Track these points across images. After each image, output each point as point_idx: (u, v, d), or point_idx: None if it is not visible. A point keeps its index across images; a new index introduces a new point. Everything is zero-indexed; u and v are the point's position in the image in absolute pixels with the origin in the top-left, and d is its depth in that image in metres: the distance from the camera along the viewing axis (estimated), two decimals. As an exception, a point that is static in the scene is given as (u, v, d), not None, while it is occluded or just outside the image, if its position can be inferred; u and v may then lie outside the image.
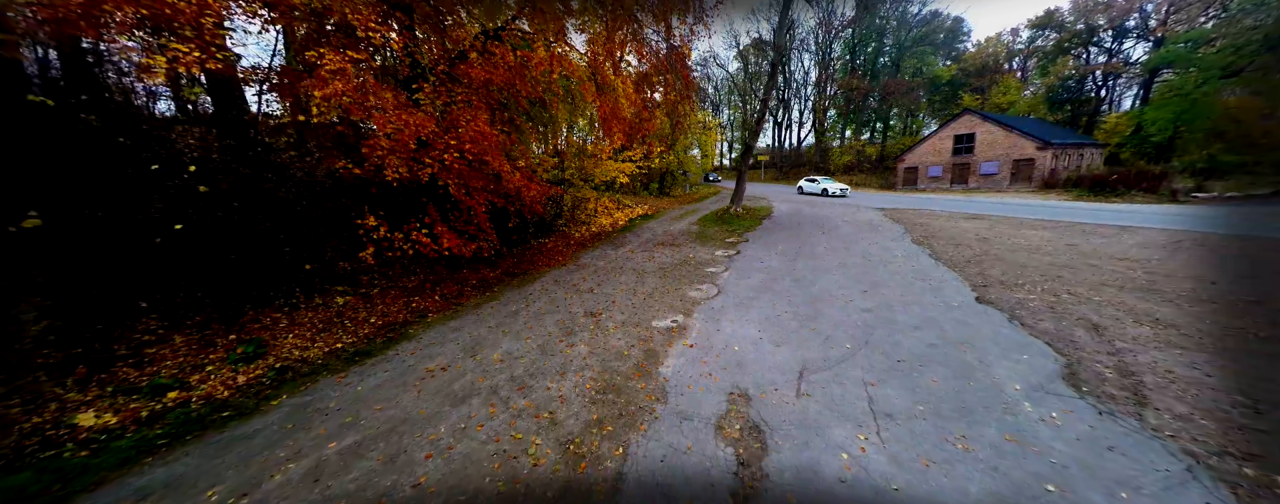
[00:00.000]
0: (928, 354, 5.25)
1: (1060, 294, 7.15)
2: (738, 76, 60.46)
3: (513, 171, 9.47)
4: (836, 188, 27.52)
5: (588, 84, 11.44)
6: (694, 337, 6.09)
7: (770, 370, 5.03)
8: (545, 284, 9.05)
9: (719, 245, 12.40)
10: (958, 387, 4.53)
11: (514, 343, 6.02)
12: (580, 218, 16.43)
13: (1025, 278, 8.04)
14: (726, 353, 5.52)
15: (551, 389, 4.77)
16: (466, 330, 6.53)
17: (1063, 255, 9.54)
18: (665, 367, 5.22)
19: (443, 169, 7.63)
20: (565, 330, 6.44)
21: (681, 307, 7.33)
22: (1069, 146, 28.53)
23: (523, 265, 10.58)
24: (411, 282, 8.34)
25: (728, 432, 3.93)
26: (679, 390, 4.66)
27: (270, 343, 5.62)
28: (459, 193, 8.36)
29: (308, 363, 5.28)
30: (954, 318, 6.35)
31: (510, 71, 8.57)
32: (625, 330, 6.38)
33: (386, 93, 6.45)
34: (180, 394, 4.42)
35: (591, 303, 7.68)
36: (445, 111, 7.69)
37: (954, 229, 13.38)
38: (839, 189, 27.39)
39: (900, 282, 8.15)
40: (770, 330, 6.18)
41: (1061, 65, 41.45)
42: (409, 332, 6.46)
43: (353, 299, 7.14)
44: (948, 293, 7.44)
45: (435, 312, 7.31)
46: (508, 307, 7.61)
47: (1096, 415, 3.99)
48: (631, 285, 8.70)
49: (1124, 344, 5.36)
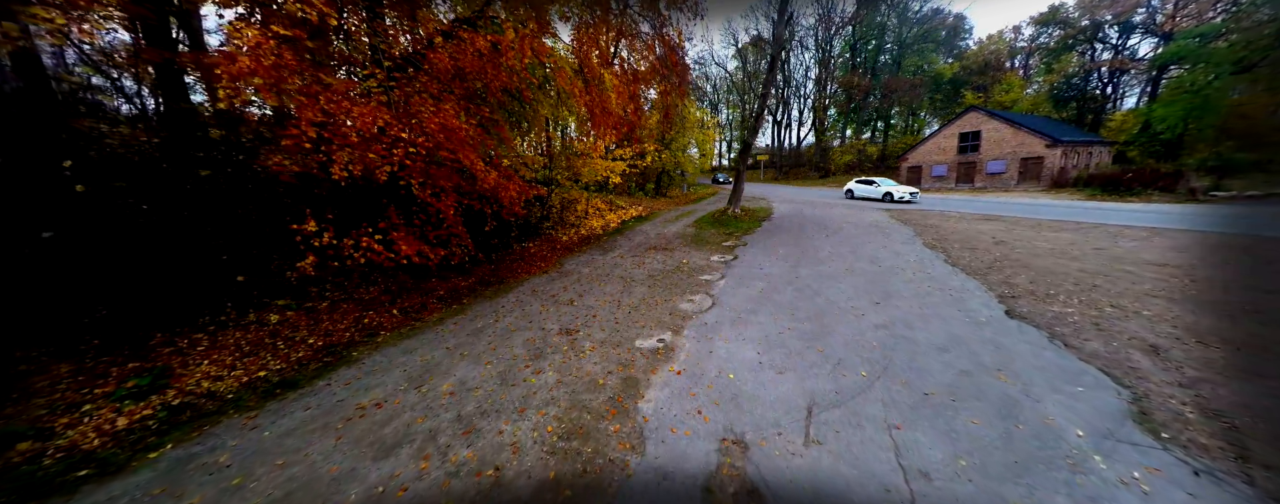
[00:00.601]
0: (960, 385, 4.37)
1: (1102, 307, 6.27)
2: (737, 75, 59.67)
3: (488, 169, 8.60)
4: (904, 192, 21.81)
5: (573, 78, 10.59)
6: (682, 360, 5.21)
7: (772, 406, 4.16)
8: (521, 295, 8.16)
9: (715, 249, 11.52)
10: (1004, 431, 3.65)
11: (471, 369, 5.13)
12: (569, 220, 15.55)
13: (1057, 287, 7.16)
14: (720, 382, 4.64)
15: (504, 433, 3.88)
16: (420, 353, 5.64)
17: (1093, 260, 8.66)
18: (646, 401, 4.34)
19: (403, 167, 6.78)
20: (534, 352, 5.56)
21: (670, 322, 6.45)
22: (1078, 144, 27.66)
23: (501, 272, 9.70)
24: (370, 293, 7.46)
25: (719, 498, 3.05)
26: (660, 435, 3.78)
27: (177, 371, 4.74)
28: (424, 193, 7.49)
29: (215, 398, 4.40)
30: (984, 337, 5.47)
31: (481, 59, 7.69)
32: (603, 352, 5.50)
33: (329, 78, 5.57)
34: (33, 446, 3.54)
35: (569, 317, 6.80)
36: (405, 102, 6.81)
37: (968, 231, 12.50)
38: (907, 193, 21.74)
39: (916, 292, 7.27)
40: (771, 352, 5.30)
41: (1066, 62, 40.65)
42: (352, 354, 5.57)
43: (295, 315, 6.26)
44: (972, 305, 6.56)
45: (390, 329, 6.42)
46: (474, 322, 6.72)
47: (1192, 476, 3.11)
48: (616, 296, 7.82)
49: (1195, 372, 4.48)
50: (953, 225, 13.70)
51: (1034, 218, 14.68)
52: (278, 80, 4.36)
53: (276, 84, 4.38)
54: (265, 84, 4.31)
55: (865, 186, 24.04)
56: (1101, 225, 12.46)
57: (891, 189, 22.43)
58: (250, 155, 5.96)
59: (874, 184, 23.52)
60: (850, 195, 24.80)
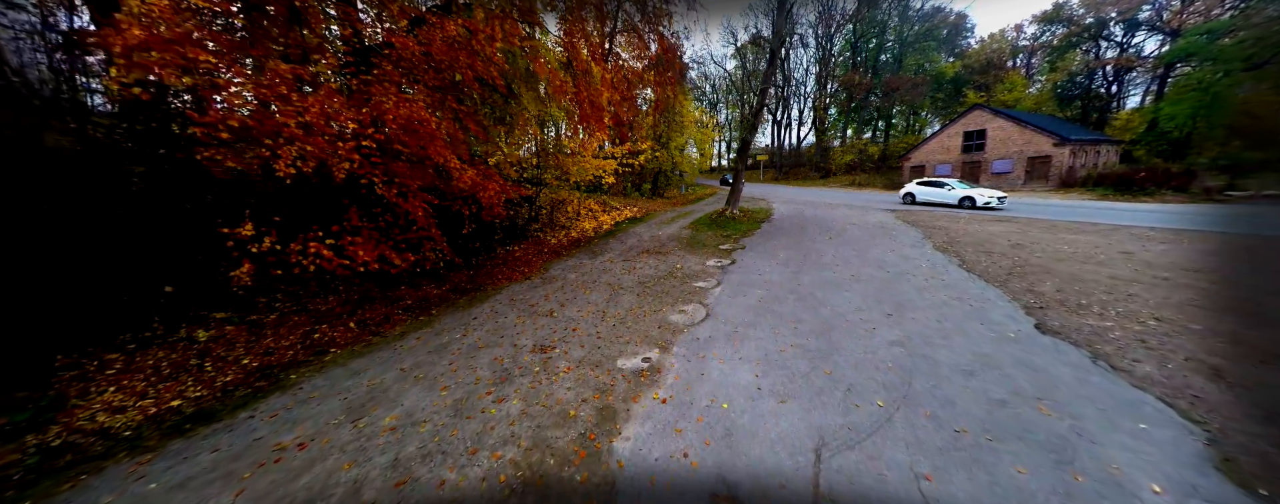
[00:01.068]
0: (997, 420, 3.67)
1: (1144, 319, 5.57)
2: (736, 74, 59.05)
3: (463, 167, 7.90)
4: (990, 195, 17.14)
5: (558, 71, 9.90)
6: (670, 384, 4.50)
7: (773, 447, 3.45)
8: (497, 304, 7.45)
9: (712, 253, 10.81)
10: (1060, 484, 2.95)
11: (423, 396, 4.42)
12: (560, 221, 14.85)
13: (1089, 296, 6.46)
14: (711, 414, 3.94)
15: (446, 485, 3.18)
16: (369, 375, 4.93)
17: (1121, 266, 7.96)
18: (623, 438, 3.64)
19: (365, 164, 6.08)
20: (500, 375, 4.85)
21: (658, 337, 5.75)
22: (1086, 143, 26.99)
23: (479, 279, 8.99)
24: (327, 303, 6.75)
25: (704, 587, 2.35)
26: (636, 488, 3.08)
27: (72, 402, 4.04)
28: (389, 193, 6.79)
29: (107, 436, 3.69)
30: (1015, 356, 4.76)
31: (453, 47, 6.99)
32: (580, 374, 4.79)
33: (274, 64, 4.87)
34: None
35: (546, 331, 6.09)
36: (366, 92, 6.11)
37: (980, 233, 11.79)
38: (993, 198, 17.07)
39: (931, 302, 6.57)
40: (771, 375, 4.59)
41: (1069, 60, 40.02)
42: (290, 377, 4.85)
43: (235, 329, 5.55)
44: (996, 317, 5.86)
45: (342, 345, 5.71)
46: (439, 337, 6.01)
47: (1317, 555, 2.40)
48: (602, 306, 7.12)
49: (1270, 399, 3.77)
50: (963, 227, 13.00)
51: (1048, 219, 13.99)
52: (181, 57, 3.66)
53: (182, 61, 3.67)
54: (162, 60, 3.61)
55: (931, 189, 19.22)
56: (1122, 227, 11.77)
57: (971, 192, 17.51)
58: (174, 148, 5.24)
59: (944, 186, 18.71)
60: (910, 200, 20.21)
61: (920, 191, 19.86)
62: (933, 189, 19.26)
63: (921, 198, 19.76)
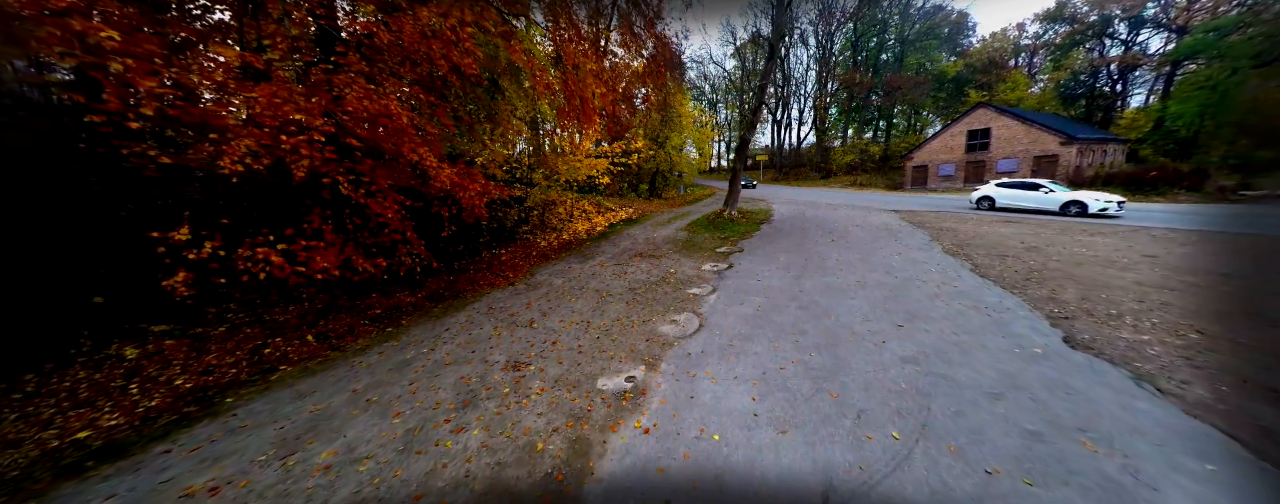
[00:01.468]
0: (1035, 458, 3.11)
1: (1184, 333, 5.01)
2: (735, 74, 58.60)
3: (441, 166, 7.35)
4: (1104, 201, 13.68)
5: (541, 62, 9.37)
6: (654, 409, 3.95)
7: (773, 493, 2.90)
8: (474, 313, 6.90)
9: (708, 256, 10.26)
10: (1125, 549, 2.39)
11: (370, 425, 3.87)
12: (551, 223, 14.30)
13: (1117, 305, 5.91)
14: (700, 449, 3.38)
15: (375, 544, 2.62)
16: (316, 398, 4.38)
17: (1148, 270, 7.40)
18: (596, 480, 3.09)
19: (327, 161, 5.55)
20: (464, 397, 4.30)
21: (645, 351, 5.20)
22: (1093, 142, 26.43)
23: (459, 285, 8.43)
24: (287, 313, 6.20)
25: None
26: (604, 550, 2.52)
27: (-41, 436, 3.50)
28: (356, 193, 6.25)
29: (-12, 479, 3.15)
30: (1046, 377, 4.21)
31: (425, 37, 6.46)
32: (554, 396, 4.24)
33: (215, 48, 4.32)
34: None
35: (523, 345, 5.54)
36: (323, 82, 5.57)
37: (991, 235, 11.23)
38: (1110, 203, 13.63)
39: (945, 311, 6.01)
40: (770, 398, 4.04)
41: (1073, 58, 39.49)
42: (226, 401, 4.30)
43: (175, 344, 5.01)
44: (1018, 329, 5.31)
45: (295, 362, 5.15)
46: (403, 352, 5.46)
47: None
48: (587, 315, 6.57)
49: (1358, 436, 3.22)
50: (972, 228, 12.44)
51: (1062, 221, 13.40)
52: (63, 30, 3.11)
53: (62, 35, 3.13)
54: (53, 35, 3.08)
55: (1018, 192, 15.59)
56: (1143, 228, 11.21)
57: (1079, 196, 14.11)
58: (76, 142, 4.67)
59: (1039, 188, 15.09)
60: (988, 205, 16.55)
61: (1002, 195, 16.20)
62: (1021, 192, 15.62)
63: (1003, 202, 16.14)
